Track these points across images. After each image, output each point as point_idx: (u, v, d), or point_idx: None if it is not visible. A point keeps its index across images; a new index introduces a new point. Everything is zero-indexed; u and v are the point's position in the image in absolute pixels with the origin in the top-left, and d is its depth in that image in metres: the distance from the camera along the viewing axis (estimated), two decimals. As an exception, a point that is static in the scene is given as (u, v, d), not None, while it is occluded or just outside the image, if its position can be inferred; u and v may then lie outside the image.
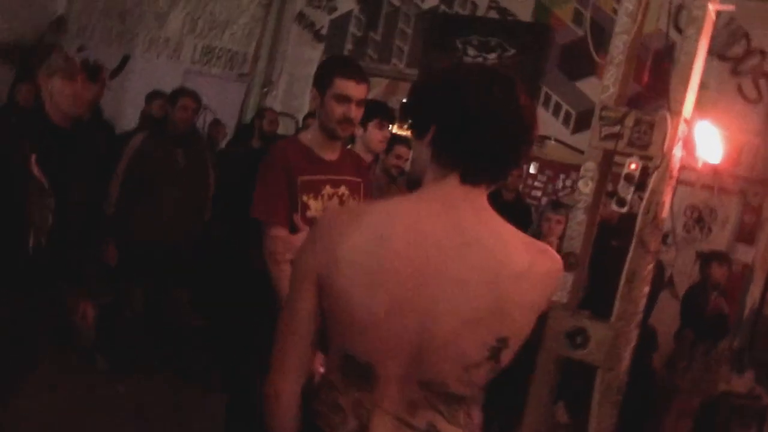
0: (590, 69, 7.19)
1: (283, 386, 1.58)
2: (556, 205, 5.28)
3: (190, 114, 4.90)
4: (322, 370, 1.66)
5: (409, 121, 1.57)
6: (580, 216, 2.98)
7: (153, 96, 5.97)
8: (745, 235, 6.76)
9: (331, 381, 1.56)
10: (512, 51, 7.55)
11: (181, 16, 9.23)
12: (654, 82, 4.28)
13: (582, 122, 7.23)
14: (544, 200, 7.32)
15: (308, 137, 2.98)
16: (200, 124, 6.18)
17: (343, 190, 2.98)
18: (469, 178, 1.47)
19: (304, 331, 1.55)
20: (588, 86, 7.24)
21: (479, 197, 1.50)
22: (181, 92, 4.98)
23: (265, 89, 8.72)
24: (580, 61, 7.24)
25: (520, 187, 6.83)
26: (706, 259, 5.64)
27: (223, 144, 7.20)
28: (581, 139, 7.16)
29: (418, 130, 1.53)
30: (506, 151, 1.48)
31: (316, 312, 1.53)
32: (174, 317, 4.86)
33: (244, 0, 8.90)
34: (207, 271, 5.00)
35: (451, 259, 1.43)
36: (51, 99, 3.13)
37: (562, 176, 7.31)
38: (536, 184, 7.35)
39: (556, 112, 7.32)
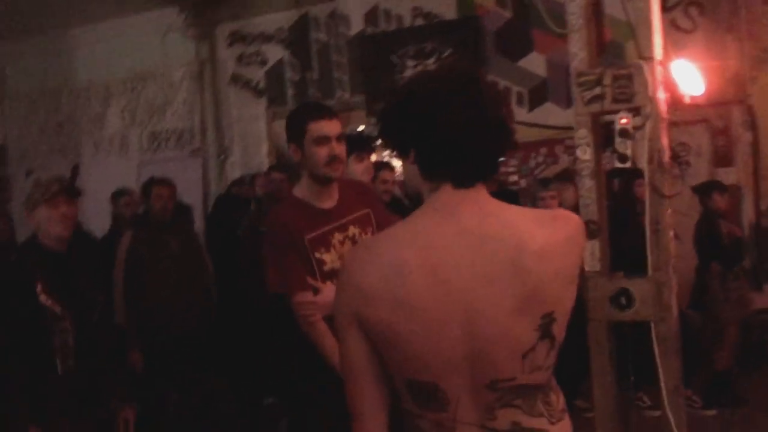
0: (528, 46, 7.33)
1: (363, 424, 1.57)
2: (546, 182, 5.33)
3: (168, 201, 4.86)
4: None
5: (390, 145, 1.59)
6: (588, 183, 3.00)
7: (118, 195, 5.89)
8: (722, 158, 6.89)
9: (405, 408, 1.56)
10: (448, 51, 7.64)
11: (119, 111, 9.18)
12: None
13: (536, 98, 7.34)
14: (523, 183, 7.39)
15: (302, 191, 2.94)
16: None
17: (352, 230, 2.95)
18: (461, 184, 1.49)
19: (363, 372, 1.54)
20: (531, 62, 7.36)
21: (478, 194, 1.51)
22: (151, 183, 4.94)
23: (222, 157, 8.70)
24: (517, 41, 7.38)
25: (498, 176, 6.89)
26: (704, 191, 5.68)
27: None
28: (540, 114, 7.29)
29: (400, 153, 1.56)
30: (489, 149, 1.50)
31: (368, 350, 1.52)
32: (215, 406, 4.79)
33: (175, 78, 8.89)
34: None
35: (469, 262, 1.44)
36: (41, 229, 3.24)
37: (532, 155, 7.38)
38: (510, 169, 7.42)
39: (507, 95, 7.40)
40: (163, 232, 4.81)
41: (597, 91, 2.95)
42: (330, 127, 2.83)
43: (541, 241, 1.46)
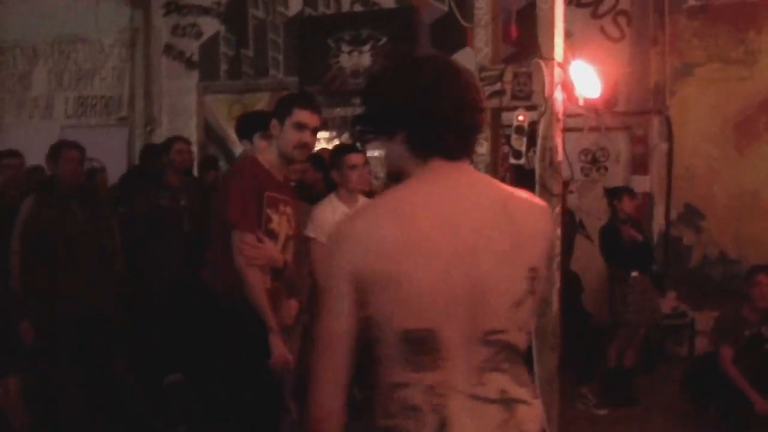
0: (462, 40, 7.38)
1: (333, 404, 1.55)
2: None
3: (77, 165, 4.71)
4: None
5: (376, 128, 1.67)
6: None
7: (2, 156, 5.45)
8: (638, 166, 7.10)
9: (394, 382, 1.54)
10: (384, 39, 7.65)
11: (45, 73, 8.94)
12: (525, 39, 4.46)
13: (466, 93, 7.40)
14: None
15: (265, 160, 3.28)
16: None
17: (289, 210, 3.33)
18: (452, 157, 1.60)
19: (345, 335, 1.54)
20: (464, 57, 7.39)
21: (466, 166, 1.65)
22: (61, 145, 4.78)
23: (149, 128, 8.55)
24: (451, 35, 7.43)
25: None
26: (614, 194, 5.82)
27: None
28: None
29: (386, 134, 1.63)
30: (472, 126, 1.63)
31: (353, 317, 1.53)
32: (117, 383, 4.69)
33: (106, 44, 8.69)
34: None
35: (470, 210, 1.56)
36: None
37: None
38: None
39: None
40: (69, 199, 4.66)
41: (497, 86, 3.01)
42: (311, 118, 3.19)
43: (525, 201, 1.64)
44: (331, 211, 4.16)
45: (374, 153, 7.83)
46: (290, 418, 4.20)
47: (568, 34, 6.67)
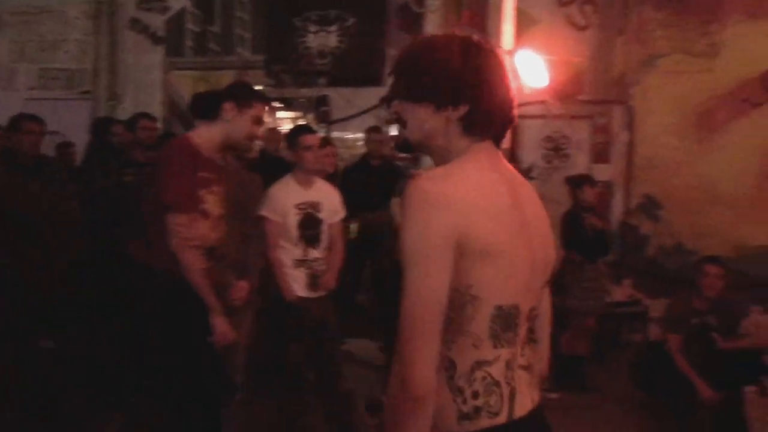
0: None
1: (432, 380, 1.45)
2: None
3: (38, 138, 4.70)
4: None
5: (438, 94, 1.58)
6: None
7: None
8: (599, 154, 7.17)
9: (478, 360, 1.52)
10: (352, 20, 7.63)
11: (7, 43, 8.78)
12: (483, 26, 4.49)
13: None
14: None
15: (201, 140, 3.21)
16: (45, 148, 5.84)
17: (220, 189, 3.30)
18: (496, 143, 1.64)
19: (443, 307, 1.45)
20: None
21: (501, 154, 1.69)
22: (21, 118, 4.74)
23: (112, 102, 8.45)
24: (418, 20, 7.41)
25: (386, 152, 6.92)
26: (576, 183, 5.84)
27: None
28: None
29: (440, 103, 1.58)
30: (513, 119, 1.66)
31: (449, 284, 1.45)
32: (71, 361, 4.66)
33: (70, 15, 8.55)
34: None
35: (524, 197, 1.61)
36: None
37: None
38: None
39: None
40: (26, 172, 4.63)
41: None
42: (267, 115, 3.46)
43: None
44: (285, 192, 4.15)
45: (344, 135, 7.87)
46: (238, 397, 4.22)
47: (533, 22, 6.78)
